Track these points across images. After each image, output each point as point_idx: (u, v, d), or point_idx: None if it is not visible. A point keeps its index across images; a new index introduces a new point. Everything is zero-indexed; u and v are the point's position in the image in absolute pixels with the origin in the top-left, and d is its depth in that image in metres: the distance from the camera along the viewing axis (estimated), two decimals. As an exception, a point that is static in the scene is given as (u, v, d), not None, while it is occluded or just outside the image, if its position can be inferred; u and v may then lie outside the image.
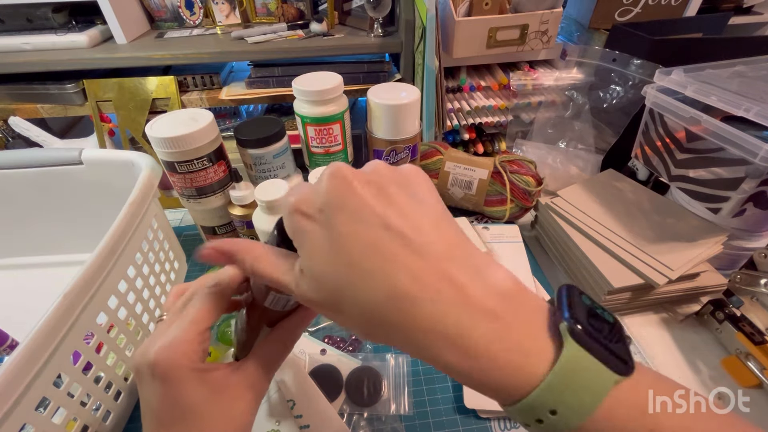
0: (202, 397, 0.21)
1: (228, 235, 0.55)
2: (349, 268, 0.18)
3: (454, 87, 0.72)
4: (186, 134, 0.44)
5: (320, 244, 0.18)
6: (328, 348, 0.45)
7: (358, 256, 0.17)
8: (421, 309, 0.17)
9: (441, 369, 0.18)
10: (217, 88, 0.71)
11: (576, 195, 0.56)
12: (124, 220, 0.37)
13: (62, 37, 0.66)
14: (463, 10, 0.61)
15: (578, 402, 0.16)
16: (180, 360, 0.21)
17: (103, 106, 0.69)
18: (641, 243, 0.47)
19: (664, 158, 0.51)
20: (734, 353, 0.43)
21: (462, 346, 0.17)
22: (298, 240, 0.19)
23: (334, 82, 0.51)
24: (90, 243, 0.35)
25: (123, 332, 0.38)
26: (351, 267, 0.18)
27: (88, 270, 0.32)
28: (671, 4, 0.71)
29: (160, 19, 0.77)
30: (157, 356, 0.21)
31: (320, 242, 0.18)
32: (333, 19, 0.76)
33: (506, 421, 0.40)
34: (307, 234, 0.19)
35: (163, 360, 0.21)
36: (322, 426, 0.37)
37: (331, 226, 0.18)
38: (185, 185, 0.48)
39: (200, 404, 0.21)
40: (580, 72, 0.68)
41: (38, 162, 0.49)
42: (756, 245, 0.49)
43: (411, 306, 0.17)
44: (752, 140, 0.39)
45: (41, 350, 0.27)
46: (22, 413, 0.26)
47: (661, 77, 0.49)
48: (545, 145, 0.69)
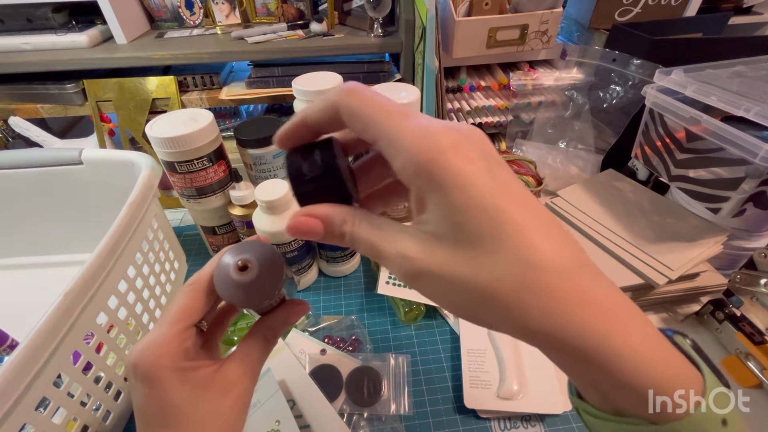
0: (185, 397, 0.21)
1: (228, 235, 0.55)
2: (524, 221, 0.15)
3: (454, 87, 0.72)
4: (186, 134, 0.44)
5: (483, 188, 0.15)
6: (328, 348, 0.45)
7: (543, 217, 0.15)
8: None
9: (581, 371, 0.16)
10: (217, 88, 0.71)
11: (576, 195, 0.56)
12: (124, 220, 0.37)
13: (62, 37, 0.67)
14: (463, 10, 0.61)
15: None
16: (159, 361, 0.21)
17: (103, 106, 0.69)
18: (641, 243, 0.47)
19: (664, 158, 0.51)
20: (734, 353, 0.43)
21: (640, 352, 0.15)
22: (446, 180, 0.15)
23: (334, 82, 0.51)
24: (90, 243, 0.35)
25: (123, 332, 0.38)
26: (544, 227, 0.15)
27: (88, 270, 0.32)
28: (671, 4, 0.71)
29: (160, 19, 0.77)
30: (136, 358, 0.21)
31: (483, 186, 0.15)
32: (333, 19, 0.76)
33: (506, 421, 0.40)
34: (468, 177, 0.15)
35: (142, 362, 0.21)
36: (322, 426, 0.37)
37: (496, 175, 0.15)
38: (185, 185, 0.48)
39: (184, 404, 0.21)
40: (580, 72, 0.68)
41: (38, 162, 0.49)
42: (756, 245, 0.49)
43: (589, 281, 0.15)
44: (752, 140, 0.39)
45: (41, 350, 0.27)
46: (22, 413, 0.26)
47: (661, 77, 0.49)
48: (545, 145, 0.69)
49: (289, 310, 0.26)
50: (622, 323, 0.15)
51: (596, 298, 0.15)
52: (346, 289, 0.54)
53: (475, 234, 0.15)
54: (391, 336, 0.47)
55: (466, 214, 0.15)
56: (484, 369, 0.42)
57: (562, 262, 0.15)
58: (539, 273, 0.15)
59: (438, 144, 0.15)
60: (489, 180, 0.15)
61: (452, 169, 0.15)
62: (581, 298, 0.15)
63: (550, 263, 0.15)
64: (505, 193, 0.15)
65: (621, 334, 0.15)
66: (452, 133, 0.15)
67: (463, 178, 0.15)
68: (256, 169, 0.53)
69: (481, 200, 0.15)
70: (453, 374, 0.43)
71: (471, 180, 0.15)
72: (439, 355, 0.45)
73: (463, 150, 0.15)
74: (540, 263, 0.15)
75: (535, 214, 0.15)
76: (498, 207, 0.15)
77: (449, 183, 0.15)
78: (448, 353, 0.46)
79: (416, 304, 0.48)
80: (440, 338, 0.47)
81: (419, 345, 0.46)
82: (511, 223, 0.15)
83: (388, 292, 0.48)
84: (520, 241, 0.15)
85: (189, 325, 0.23)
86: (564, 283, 0.15)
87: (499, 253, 0.15)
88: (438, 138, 0.15)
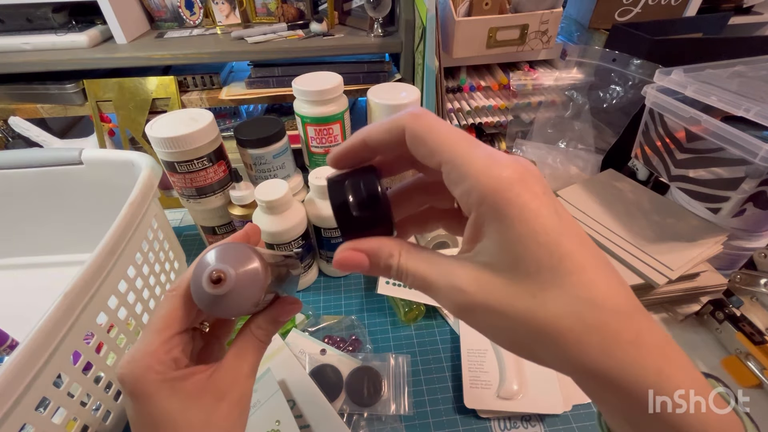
0: (175, 408, 0.20)
1: (228, 235, 0.55)
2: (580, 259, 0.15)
3: (454, 87, 0.72)
4: (186, 134, 0.44)
5: (546, 223, 0.15)
6: (328, 348, 0.45)
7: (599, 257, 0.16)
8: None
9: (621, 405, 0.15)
10: (217, 88, 0.71)
11: (576, 195, 0.56)
12: (124, 220, 0.37)
13: (62, 37, 0.67)
14: (463, 10, 0.61)
15: None
16: (145, 374, 0.20)
17: (103, 106, 0.69)
18: (641, 243, 0.47)
19: (664, 158, 0.51)
20: (734, 353, 0.43)
21: None
22: (512, 212, 0.15)
23: (334, 82, 0.51)
24: (90, 243, 0.35)
25: (123, 332, 0.38)
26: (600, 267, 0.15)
27: (88, 270, 0.32)
28: (671, 4, 0.71)
29: (160, 19, 0.77)
30: (122, 372, 0.20)
31: (546, 222, 0.15)
32: (333, 19, 0.76)
33: (506, 421, 0.40)
34: (533, 212, 0.15)
35: (128, 376, 0.20)
36: (322, 426, 0.37)
37: (559, 213, 0.16)
38: (185, 185, 0.48)
39: (175, 415, 0.20)
40: (580, 72, 0.68)
41: (38, 162, 0.49)
42: (756, 245, 0.49)
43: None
44: (752, 140, 0.39)
45: (41, 350, 0.27)
46: (22, 413, 0.26)
47: (661, 77, 0.49)
48: (545, 145, 0.69)
49: (280, 309, 0.24)
50: (677, 368, 0.15)
51: (655, 342, 0.15)
52: (346, 289, 0.54)
53: (534, 267, 0.15)
54: (391, 336, 0.47)
55: (528, 246, 0.15)
56: (484, 369, 0.42)
57: (621, 303, 0.15)
58: (601, 312, 0.15)
59: (506, 175, 0.15)
60: (553, 216, 0.15)
61: (519, 201, 0.15)
62: (640, 341, 0.15)
63: (612, 303, 0.15)
64: (567, 230, 0.15)
65: (675, 377, 0.15)
66: (519, 167, 0.16)
67: (528, 212, 0.15)
68: (256, 169, 0.53)
69: (544, 235, 0.15)
70: (453, 374, 0.43)
71: (535, 214, 0.15)
72: (439, 355, 0.45)
73: (530, 184, 0.15)
74: (602, 302, 0.15)
75: (593, 254, 0.16)
76: (559, 243, 0.15)
77: (515, 214, 0.15)
78: (448, 353, 0.46)
79: (416, 304, 0.48)
80: (440, 338, 0.47)
81: (419, 345, 0.46)
82: (571, 259, 0.15)
83: (388, 292, 0.48)
84: (580, 278, 0.15)
85: (175, 332, 0.21)
86: (625, 324, 0.15)
87: (560, 289, 0.15)
88: (507, 169, 0.15)
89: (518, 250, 0.15)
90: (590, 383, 0.16)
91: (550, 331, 0.15)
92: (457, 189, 0.16)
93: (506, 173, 0.15)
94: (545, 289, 0.15)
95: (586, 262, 0.15)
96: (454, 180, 0.16)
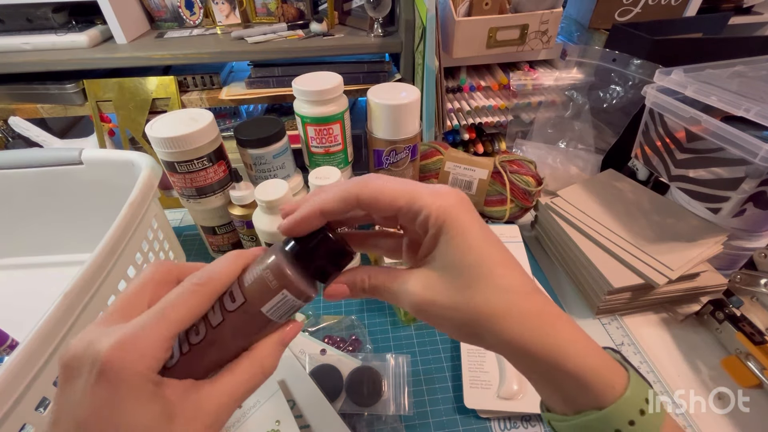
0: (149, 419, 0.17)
1: (228, 235, 0.55)
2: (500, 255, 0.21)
3: (454, 87, 0.72)
4: (186, 134, 0.44)
5: (476, 234, 0.20)
6: (328, 348, 0.45)
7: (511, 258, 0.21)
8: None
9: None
10: (217, 88, 0.71)
11: (576, 195, 0.56)
12: (124, 220, 0.37)
13: (62, 37, 0.66)
14: (463, 10, 0.61)
15: (652, 417, 0.19)
16: (137, 363, 0.17)
17: (103, 106, 0.69)
18: (641, 243, 0.47)
19: (664, 158, 0.51)
20: (734, 353, 0.43)
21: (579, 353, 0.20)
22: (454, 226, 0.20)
23: (334, 82, 0.51)
24: (90, 243, 0.35)
25: (123, 332, 0.38)
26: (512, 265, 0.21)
27: (88, 270, 0.32)
28: (671, 4, 0.71)
29: (160, 19, 0.77)
30: (112, 352, 0.17)
31: (476, 233, 0.20)
32: (333, 19, 0.76)
33: (506, 421, 0.40)
34: (467, 226, 0.20)
35: (119, 357, 0.17)
36: (322, 426, 0.37)
37: (483, 228, 0.21)
38: (185, 185, 0.48)
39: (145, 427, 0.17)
40: (580, 72, 0.68)
41: (38, 162, 0.49)
42: (756, 245, 0.49)
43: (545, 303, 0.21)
44: (752, 140, 0.39)
45: (41, 350, 0.27)
46: (22, 413, 0.26)
47: (661, 77, 0.49)
48: (545, 145, 0.69)
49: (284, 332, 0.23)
50: (566, 328, 0.20)
51: (555, 313, 0.20)
52: (346, 289, 0.54)
53: (467, 267, 0.20)
54: (391, 336, 0.47)
55: (464, 252, 0.20)
56: (484, 369, 0.42)
57: (527, 287, 0.20)
58: (514, 295, 0.20)
59: (450, 203, 0.21)
60: (480, 230, 0.21)
61: (459, 219, 0.20)
62: (544, 313, 0.20)
63: (520, 288, 0.20)
64: (488, 240, 0.21)
65: (565, 334, 0.20)
66: (457, 195, 0.21)
67: (464, 227, 0.20)
68: (256, 169, 0.53)
69: (475, 242, 0.20)
70: (453, 374, 0.43)
71: (468, 229, 0.20)
72: (439, 355, 0.45)
73: (465, 207, 0.21)
74: (514, 288, 0.20)
75: (506, 256, 0.21)
76: (483, 249, 0.20)
77: (456, 229, 0.20)
78: (448, 353, 0.46)
79: (416, 304, 0.48)
80: (440, 338, 0.47)
81: (419, 345, 0.46)
82: (491, 260, 0.20)
83: (388, 292, 0.48)
84: (498, 273, 0.20)
85: (180, 330, 0.19)
86: (531, 302, 0.20)
87: (485, 282, 0.20)
88: (448, 197, 0.21)
89: (457, 255, 0.20)
90: (518, 358, 0.20)
91: (481, 314, 0.20)
92: (417, 219, 0.21)
93: (449, 201, 0.21)
94: (475, 283, 0.20)
95: (501, 262, 0.20)
96: (413, 215, 0.21)
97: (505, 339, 0.20)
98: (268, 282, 0.21)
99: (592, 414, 0.19)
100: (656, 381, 0.42)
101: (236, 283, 0.21)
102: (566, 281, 0.54)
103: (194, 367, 0.20)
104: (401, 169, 0.55)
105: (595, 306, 0.48)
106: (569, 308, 0.50)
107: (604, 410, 0.19)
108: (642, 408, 0.19)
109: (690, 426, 0.39)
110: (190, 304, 0.19)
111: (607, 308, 0.48)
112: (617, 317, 0.49)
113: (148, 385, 0.17)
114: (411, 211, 0.21)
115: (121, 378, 0.17)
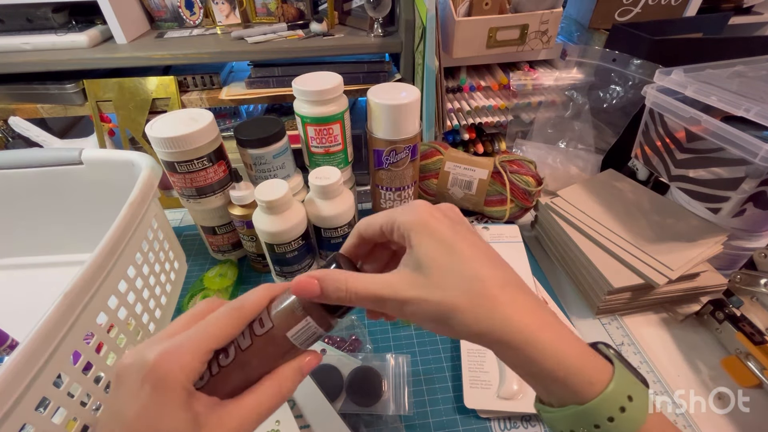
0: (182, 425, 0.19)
1: (228, 235, 0.55)
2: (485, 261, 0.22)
3: (454, 87, 0.72)
4: (186, 134, 0.44)
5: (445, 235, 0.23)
6: (328, 348, 0.45)
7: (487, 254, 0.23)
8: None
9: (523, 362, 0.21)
10: (217, 88, 0.71)
11: (576, 195, 0.56)
12: (124, 220, 0.37)
13: (62, 37, 0.66)
14: (463, 10, 0.61)
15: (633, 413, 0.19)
16: (178, 372, 0.20)
17: (103, 106, 0.69)
18: (641, 243, 0.47)
19: (664, 158, 0.51)
20: (734, 353, 0.43)
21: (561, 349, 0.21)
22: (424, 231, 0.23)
23: (334, 82, 0.51)
24: (90, 243, 0.35)
25: (123, 332, 0.38)
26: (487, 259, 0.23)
27: (88, 270, 0.32)
28: (671, 4, 0.71)
29: (160, 19, 0.77)
30: (158, 360, 0.20)
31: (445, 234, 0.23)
32: (333, 19, 0.76)
33: (506, 421, 0.40)
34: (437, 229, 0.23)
35: (163, 366, 0.19)
36: (322, 426, 0.37)
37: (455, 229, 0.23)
38: (185, 185, 0.48)
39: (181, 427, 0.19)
40: (580, 72, 0.68)
41: (38, 162, 0.49)
42: (756, 245, 0.49)
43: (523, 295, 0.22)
44: (752, 140, 0.39)
45: (41, 350, 0.27)
46: (22, 413, 0.26)
47: (661, 77, 0.49)
48: (545, 145, 0.69)
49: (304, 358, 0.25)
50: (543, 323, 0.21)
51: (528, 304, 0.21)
52: (346, 289, 0.54)
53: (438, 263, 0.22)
54: (391, 336, 0.47)
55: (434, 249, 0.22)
56: (484, 369, 0.42)
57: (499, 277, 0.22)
58: (484, 283, 0.21)
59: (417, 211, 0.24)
60: (449, 230, 0.23)
61: (429, 225, 0.23)
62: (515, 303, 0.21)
63: (492, 278, 0.22)
64: (460, 237, 0.23)
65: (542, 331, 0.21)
66: (424, 205, 0.24)
67: (433, 228, 0.23)
68: (256, 169, 0.53)
69: (443, 241, 0.22)
70: (453, 374, 0.43)
71: (437, 229, 0.23)
72: (439, 355, 0.45)
73: (435, 216, 0.24)
74: (485, 278, 0.21)
75: (481, 250, 0.23)
76: (454, 245, 0.22)
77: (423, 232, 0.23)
78: (448, 353, 0.46)
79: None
80: (440, 338, 0.47)
81: (419, 345, 0.46)
82: (462, 253, 0.22)
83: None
84: (469, 265, 0.22)
85: (217, 347, 0.22)
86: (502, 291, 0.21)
87: (456, 274, 0.21)
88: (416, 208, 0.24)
89: (429, 252, 0.22)
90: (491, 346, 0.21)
91: (453, 304, 0.21)
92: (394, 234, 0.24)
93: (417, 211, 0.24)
94: (446, 276, 0.22)
95: (474, 255, 0.22)
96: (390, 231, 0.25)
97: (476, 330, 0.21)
98: (294, 309, 0.24)
99: (572, 408, 0.20)
100: (656, 381, 0.42)
101: (265, 311, 0.24)
102: (566, 281, 0.54)
103: (221, 387, 0.23)
104: (401, 169, 0.55)
105: (595, 306, 0.48)
106: (569, 308, 0.50)
107: (583, 406, 0.20)
108: (623, 405, 0.19)
109: (690, 426, 0.39)
110: (226, 324, 0.22)
111: (607, 308, 0.48)
112: (617, 317, 0.49)
113: (183, 393, 0.20)
114: (389, 229, 0.24)
115: (164, 384, 0.19)
